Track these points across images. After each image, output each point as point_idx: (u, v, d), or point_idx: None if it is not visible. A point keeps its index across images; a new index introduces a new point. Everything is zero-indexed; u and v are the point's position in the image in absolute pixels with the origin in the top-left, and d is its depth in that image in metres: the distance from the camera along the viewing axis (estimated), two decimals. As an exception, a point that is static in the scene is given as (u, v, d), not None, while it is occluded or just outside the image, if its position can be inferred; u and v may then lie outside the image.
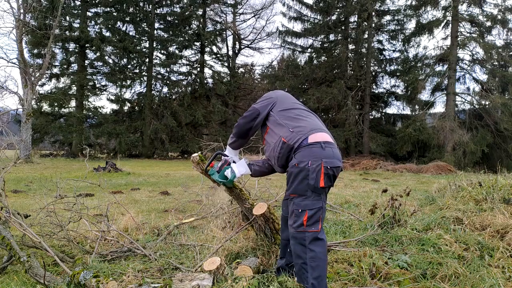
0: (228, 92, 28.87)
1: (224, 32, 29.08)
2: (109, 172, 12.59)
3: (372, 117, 26.41)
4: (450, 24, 22.24)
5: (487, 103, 22.12)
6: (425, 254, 3.34)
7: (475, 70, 23.02)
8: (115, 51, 26.29)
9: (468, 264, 3.11)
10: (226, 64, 30.17)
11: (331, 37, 26.28)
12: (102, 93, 27.61)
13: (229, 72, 30.08)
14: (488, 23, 21.99)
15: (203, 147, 27.17)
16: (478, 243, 3.64)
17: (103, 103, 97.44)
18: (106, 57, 26.61)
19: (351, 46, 25.43)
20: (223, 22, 29.43)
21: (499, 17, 21.48)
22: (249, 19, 30.86)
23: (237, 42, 30.38)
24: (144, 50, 27.47)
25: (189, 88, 28.34)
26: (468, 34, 22.34)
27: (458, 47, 22.15)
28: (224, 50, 30.14)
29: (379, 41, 26.17)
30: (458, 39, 22.01)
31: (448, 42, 22.56)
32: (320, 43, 26.65)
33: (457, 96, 22.83)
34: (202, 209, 5.43)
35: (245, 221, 3.52)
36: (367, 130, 23.67)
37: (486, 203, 5.32)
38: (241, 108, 31.49)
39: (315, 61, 25.91)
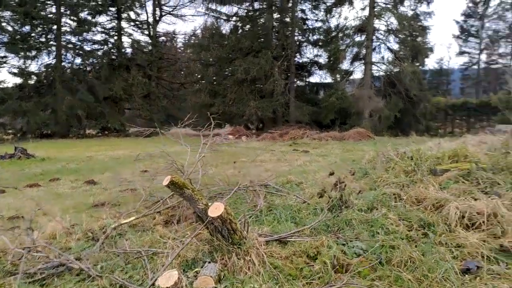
0: (150, 63, 27.11)
1: (143, -3, 26.98)
2: (19, 159, 11.11)
3: (296, 86, 26.96)
4: (368, -5, 23.16)
5: (398, 71, 23.80)
6: (377, 238, 3.43)
7: (389, 40, 24.53)
8: (14, 16, 22.80)
9: (417, 245, 3.25)
10: (146, 32, 28.13)
11: (256, 5, 25.81)
12: (2, 65, 24.05)
13: (150, 41, 28.14)
14: (401, -5, 23.36)
15: (126, 125, 25.56)
16: (420, 219, 3.85)
17: (4, 77, 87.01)
18: (4, 24, 23.01)
19: (275, 15, 25.27)
20: (140, -15, 27.16)
21: (410, -11, 22.92)
22: (169, -18, 28.67)
23: (157, 9, 28.38)
24: (50, 16, 24.27)
25: (106, 59, 26.01)
26: (384, 5, 23.54)
27: (375, 18, 23.28)
28: (143, 17, 28.07)
29: (302, 11, 26.37)
30: (375, 9, 23.10)
31: (366, 12, 23.51)
32: (245, 11, 26.06)
33: (373, 65, 24.25)
34: (139, 202, 5.00)
35: (199, 222, 3.25)
36: (293, 99, 24.17)
37: (415, 175, 5.69)
38: (165, 80, 29.96)
39: (240, 30, 25.38)
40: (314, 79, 28.19)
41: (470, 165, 5.30)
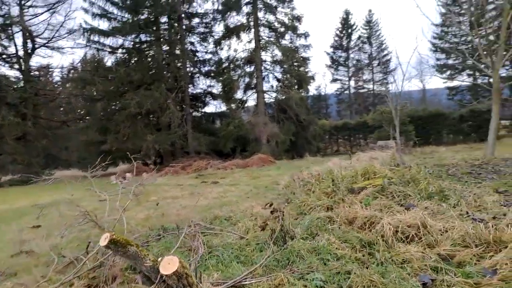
0: (23, 100, 23.85)
1: (10, 28, 23.81)
2: None
3: (192, 117, 26.79)
4: (253, 29, 24.63)
5: (287, 98, 25.51)
6: (330, 265, 3.39)
7: (276, 70, 26.30)
8: None
9: (369, 266, 3.30)
10: (16, 66, 24.79)
11: (143, 37, 25.11)
12: None
13: (21, 76, 24.87)
14: (282, 29, 25.43)
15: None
16: (360, 240, 3.95)
17: None
18: None
19: (165, 47, 24.98)
20: (6, 15, 24.00)
21: (289, 24, 25.11)
22: (42, 13, 25.80)
23: (29, 40, 25.38)
24: None
25: (-35, 98, 22.05)
26: (267, 38, 25.29)
27: (261, 50, 24.81)
28: (12, 50, 24.71)
29: (192, 43, 26.67)
30: (261, 42, 24.64)
31: (253, 45, 24.93)
32: (132, 43, 25.11)
33: (265, 94, 25.61)
34: (52, 266, 4.11)
35: (147, 284, 2.76)
36: (191, 130, 23.87)
37: (336, 195, 5.95)
38: (43, 118, 26.70)
39: (129, 63, 24.29)
40: (209, 109, 28.56)
41: (382, 181, 5.78)
